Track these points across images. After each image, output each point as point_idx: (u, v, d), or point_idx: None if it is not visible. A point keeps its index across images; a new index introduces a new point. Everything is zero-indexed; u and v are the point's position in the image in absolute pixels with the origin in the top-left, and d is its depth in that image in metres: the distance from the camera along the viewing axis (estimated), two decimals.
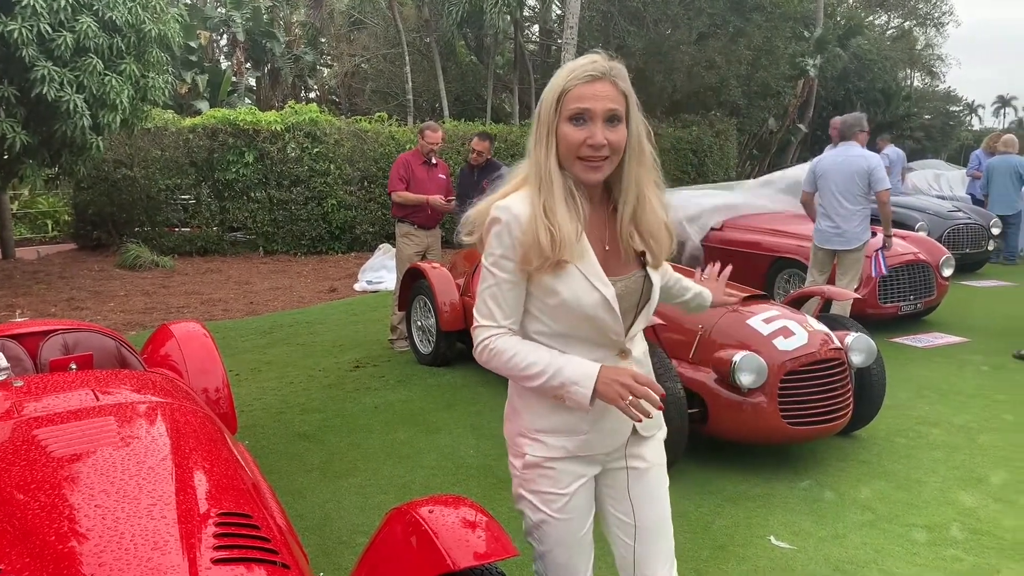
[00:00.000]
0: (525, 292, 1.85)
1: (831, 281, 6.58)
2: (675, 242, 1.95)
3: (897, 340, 7.08)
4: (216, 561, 1.61)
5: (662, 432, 2.07)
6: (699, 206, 8.77)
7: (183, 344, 3.54)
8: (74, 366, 2.90)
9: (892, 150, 12.92)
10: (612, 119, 1.76)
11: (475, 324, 1.88)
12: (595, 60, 1.77)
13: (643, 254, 1.89)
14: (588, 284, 1.80)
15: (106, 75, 9.06)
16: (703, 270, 2.62)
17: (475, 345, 1.88)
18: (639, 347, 1.98)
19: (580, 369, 1.79)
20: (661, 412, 1.94)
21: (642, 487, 1.99)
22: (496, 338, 1.85)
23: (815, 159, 6.64)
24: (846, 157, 6.36)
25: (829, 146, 9.98)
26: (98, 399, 2.37)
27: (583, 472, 1.94)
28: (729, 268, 2.61)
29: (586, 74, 1.75)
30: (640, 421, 1.78)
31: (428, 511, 1.91)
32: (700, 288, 2.41)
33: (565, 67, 1.80)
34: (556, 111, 1.78)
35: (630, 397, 1.73)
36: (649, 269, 1.92)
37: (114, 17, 9.09)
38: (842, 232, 6.36)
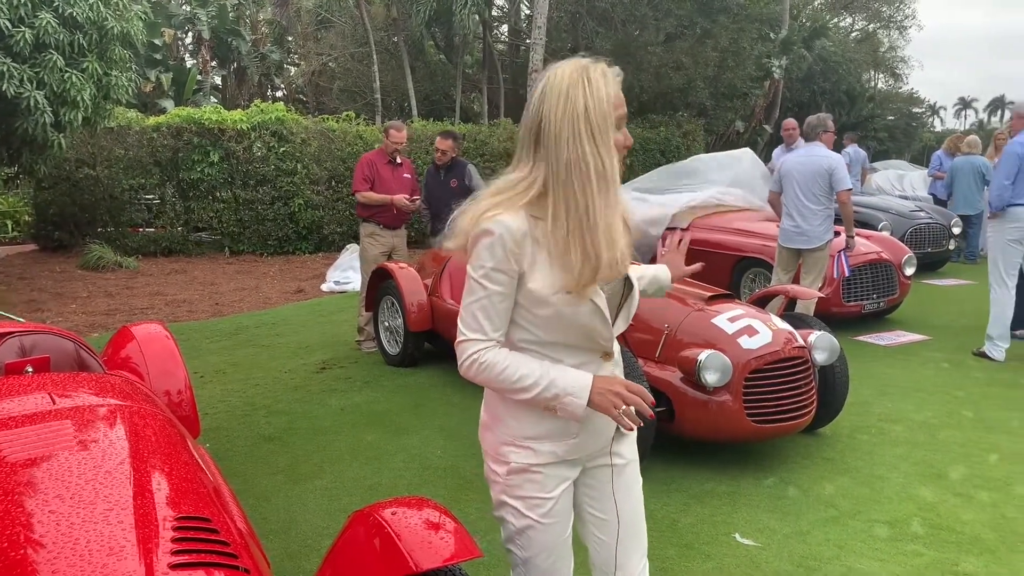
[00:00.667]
0: (511, 304, 1.81)
1: (796, 280, 6.66)
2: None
3: (861, 338, 7.18)
4: (173, 566, 1.58)
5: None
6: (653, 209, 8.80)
7: (144, 346, 3.49)
8: (30, 369, 2.84)
9: (853, 149, 13.12)
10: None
11: (461, 338, 1.83)
12: (606, 67, 1.78)
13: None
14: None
15: (67, 72, 8.90)
16: (663, 243, 2.65)
17: (461, 359, 1.83)
18: (616, 347, 1.98)
19: (573, 380, 1.78)
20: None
21: (622, 482, 2.01)
22: (485, 351, 1.80)
23: (779, 159, 6.72)
24: (809, 157, 6.44)
25: (779, 147, 10.10)
26: (54, 402, 2.32)
27: (567, 475, 1.94)
28: (688, 236, 2.56)
29: (617, 78, 1.79)
30: (632, 429, 1.80)
31: (391, 513, 1.89)
32: (654, 271, 2.33)
33: (594, 71, 1.75)
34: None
35: (623, 406, 1.75)
36: (630, 276, 1.93)
37: (75, 13, 8.93)
38: (805, 231, 6.44)
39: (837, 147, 6.90)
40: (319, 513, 3.75)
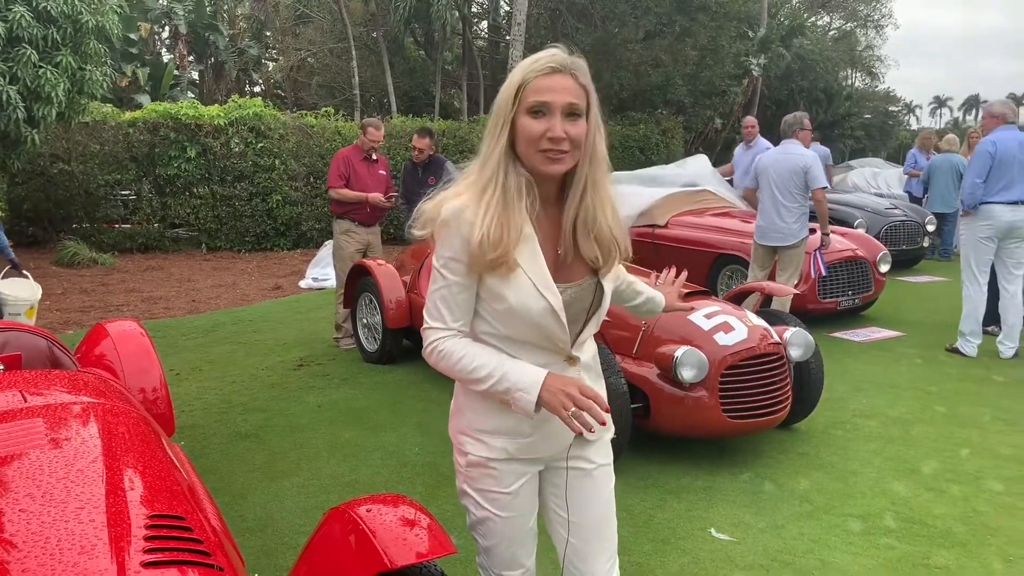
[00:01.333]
0: (475, 294, 1.81)
1: (772, 277, 6.71)
2: (626, 245, 1.89)
3: (836, 335, 7.25)
4: (146, 564, 1.57)
5: (609, 433, 2.03)
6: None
7: (119, 343, 3.46)
8: (1, 366, 2.81)
9: (817, 147, 13.23)
10: (572, 113, 1.72)
11: (425, 325, 1.85)
12: (555, 53, 1.74)
13: (595, 259, 1.83)
14: (536, 291, 1.76)
15: (41, 67, 8.81)
16: (658, 276, 2.62)
17: (424, 346, 1.86)
18: (588, 351, 1.94)
19: (526, 375, 1.76)
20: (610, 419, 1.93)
21: (583, 487, 1.98)
22: (445, 340, 1.81)
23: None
24: (786, 155, 6.49)
25: (740, 146, 10.17)
26: (26, 400, 2.30)
27: (526, 471, 1.94)
28: (684, 274, 2.60)
29: (546, 66, 1.72)
30: (580, 434, 1.74)
31: (366, 510, 1.89)
32: (653, 292, 2.36)
33: (525, 60, 1.76)
34: (514, 103, 1.74)
35: (572, 408, 1.69)
36: (601, 275, 1.87)
37: (49, 7, 8.84)
38: (781, 229, 6.49)
39: None
40: (296, 510, 3.74)
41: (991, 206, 6.28)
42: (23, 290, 5.84)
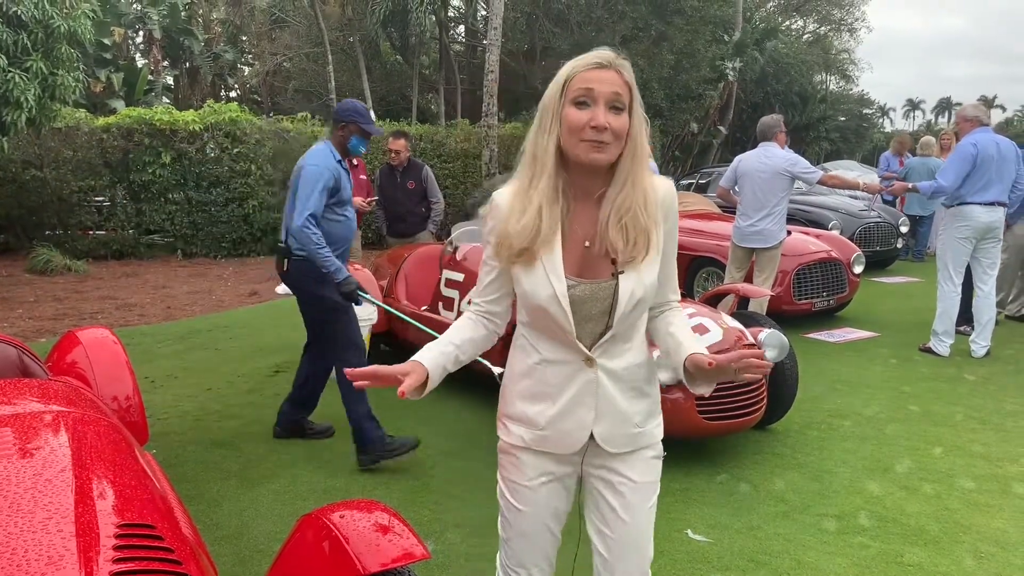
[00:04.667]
0: (506, 279, 1.92)
1: (748, 279, 6.76)
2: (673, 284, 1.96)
3: (811, 336, 7.32)
4: (116, 574, 1.56)
5: (651, 452, 2.00)
6: None
7: (90, 351, 3.42)
8: None
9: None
10: (616, 106, 1.76)
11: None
12: (602, 51, 1.80)
13: (615, 261, 1.82)
14: (545, 279, 1.81)
15: (10, 72, 8.70)
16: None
17: None
18: (620, 361, 1.89)
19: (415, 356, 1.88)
20: (658, 434, 1.98)
21: (616, 501, 1.97)
22: (466, 312, 1.99)
23: (739, 157, 6.79)
24: (769, 157, 6.54)
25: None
26: None
27: (550, 469, 1.95)
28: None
29: (592, 62, 1.78)
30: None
31: (339, 516, 1.89)
32: (684, 348, 1.90)
33: (572, 59, 1.83)
34: (561, 96, 1.79)
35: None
36: (622, 278, 1.82)
37: (19, 12, 8.74)
38: (762, 231, 6.54)
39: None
40: (271, 518, 3.71)
41: (969, 207, 6.32)
42: None
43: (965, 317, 6.93)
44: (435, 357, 1.89)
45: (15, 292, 9.83)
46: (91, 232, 12.94)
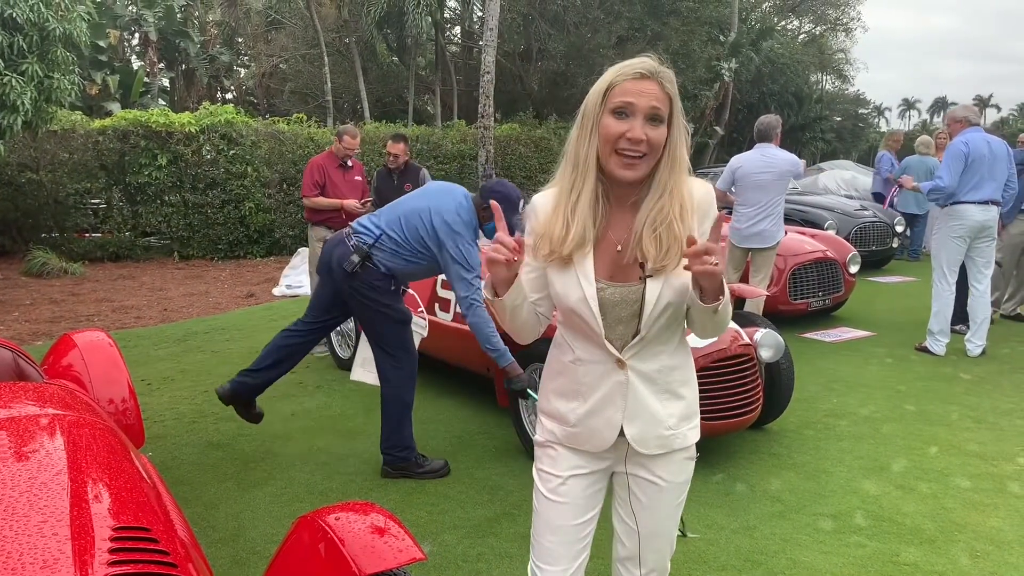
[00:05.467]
0: (541, 279, 1.93)
1: (744, 279, 6.77)
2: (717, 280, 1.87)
3: (807, 335, 7.33)
4: None
5: (684, 453, 2.00)
6: None
7: (86, 354, 3.41)
8: None
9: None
10: (654, 118, 1.76)
11: None
12: (644, 60, 1.79)
13: (643, 265, 1.83)
14: (576, 281, 1.84)
15: (6, 75, 8.69)
16: None
17: None
18: (653, 363, 1.91)
19: None
20: (692, 436, 1.98)
21: (640, 496, 2.02)
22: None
23: (736, 158, 6.78)
24: (774, 158, 6.54)
25: None
26: None
27: (582, 464, 1.99)
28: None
29: (635, 71, 1.77)
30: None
31: (335, 519, 1.89)
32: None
33: (616, 65, 1.82)
34: (601, 104, 1.79)
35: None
36: (650, 282, 1.82)
37: (14, 15, 8.72)
38: (761, 232, 6.55)
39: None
40: (268, 520, 3.71)
41: (963, 206, 6.34)
42: None
43: (961, 316, 6.93)
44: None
45: (11, 295, 9.81)
46: (87, 235, 12.91)
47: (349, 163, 6.75)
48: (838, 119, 34.82)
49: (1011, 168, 6.50)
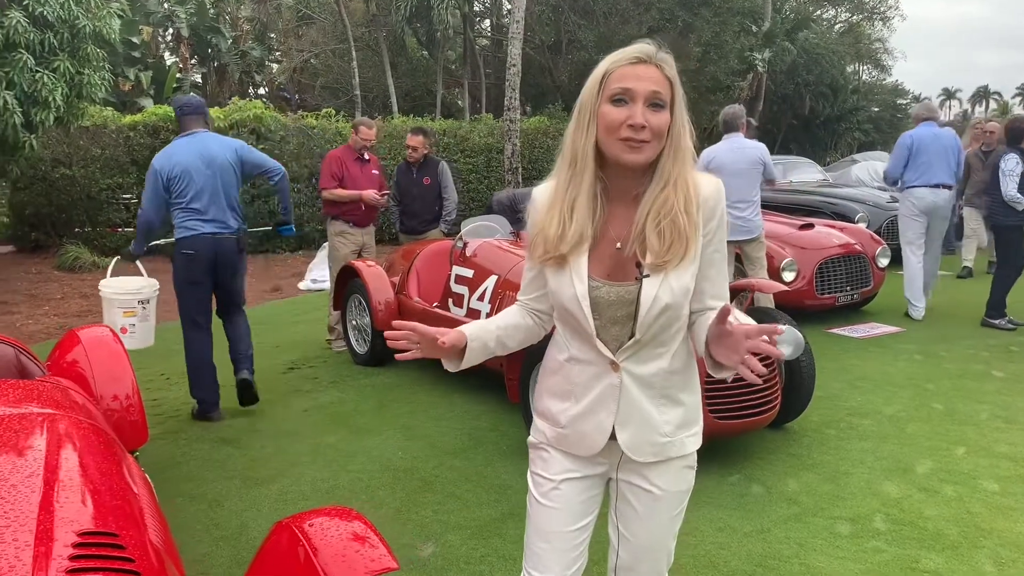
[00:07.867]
0: (540, 277, 1.90)
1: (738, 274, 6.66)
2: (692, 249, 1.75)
3: (834, 331, 7.16)
4: None
5: (682, 462, 1.91)
6: None
7: (90, 351, 3.40)
8: None
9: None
10: (655, 103, 1.69)
11: None
12: (641, 46, 1.72)
13: (639, 264, 1.75)
14: (569, 279, 1.78)
15: (38, 72, 8.80)
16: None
17: None
18: (650, 367, 1.82)
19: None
20: (691, 444, 1.89)
21: (637, 505, 1.93)
22: (516, 303, 2.02)
23: (708, 152, 6.63)
24: (742, 149, 6.48)
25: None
26: None
27: (574, 468, 1.91)
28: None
29: (632, 56, 1.71)
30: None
31: (309, 525, 1.83)
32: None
33: (612, 53, 1.76)
34: (598, 93, 1.72)
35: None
36: (646, 282, 1.73)
37: (45, 12, 8.84)
38: (744, 223, 6.45)
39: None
40: (272, 518, 3.67)
41: (916, 189, 7.35)
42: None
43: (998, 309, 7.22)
44: (476, 330, 1.92)
45: (43, 289, 9.95)
46: (119, 229, 13.05)
47: (366, 156, 6.72)
48: (875, 110, 34.13)
49: (960, 156, 7.45)
